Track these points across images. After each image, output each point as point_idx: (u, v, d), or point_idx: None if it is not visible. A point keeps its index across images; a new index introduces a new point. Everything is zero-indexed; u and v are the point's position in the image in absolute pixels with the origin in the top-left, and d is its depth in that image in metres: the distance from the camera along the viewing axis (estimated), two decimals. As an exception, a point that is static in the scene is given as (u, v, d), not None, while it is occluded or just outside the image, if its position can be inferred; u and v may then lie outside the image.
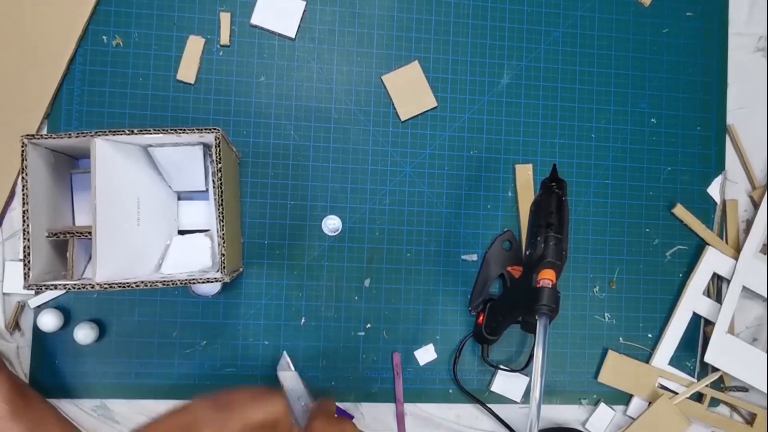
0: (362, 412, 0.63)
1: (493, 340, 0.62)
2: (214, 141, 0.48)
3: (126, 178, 0.50)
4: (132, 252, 0.50)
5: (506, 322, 0.57)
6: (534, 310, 0.46)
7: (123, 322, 0.60)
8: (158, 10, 0.62)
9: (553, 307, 0.46)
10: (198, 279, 0.48)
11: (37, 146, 0.49)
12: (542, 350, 0.45)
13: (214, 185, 0.48)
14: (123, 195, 0.50)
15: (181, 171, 0.53)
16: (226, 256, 0.48)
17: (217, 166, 0.48)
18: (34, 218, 0.48)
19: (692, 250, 0.68)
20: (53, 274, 0.51)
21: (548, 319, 0.46)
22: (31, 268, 0.47)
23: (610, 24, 0.68)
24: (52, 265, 0.51)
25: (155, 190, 0.54)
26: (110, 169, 0.48)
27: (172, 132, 0.48)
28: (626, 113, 0.68)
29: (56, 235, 0.50)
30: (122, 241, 0.49)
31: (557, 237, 0.48)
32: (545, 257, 0.48)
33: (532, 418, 0.44)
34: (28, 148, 0.47)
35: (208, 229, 0.56)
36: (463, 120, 0.65)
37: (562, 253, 0.48)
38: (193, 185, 0.55)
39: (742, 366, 0.65)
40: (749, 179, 0.70)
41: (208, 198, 0.56)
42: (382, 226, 0.64)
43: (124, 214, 0.50)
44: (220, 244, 0.48)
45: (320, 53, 0.64)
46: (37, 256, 0.48)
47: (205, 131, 0.48)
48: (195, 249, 0.54)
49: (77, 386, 0.60)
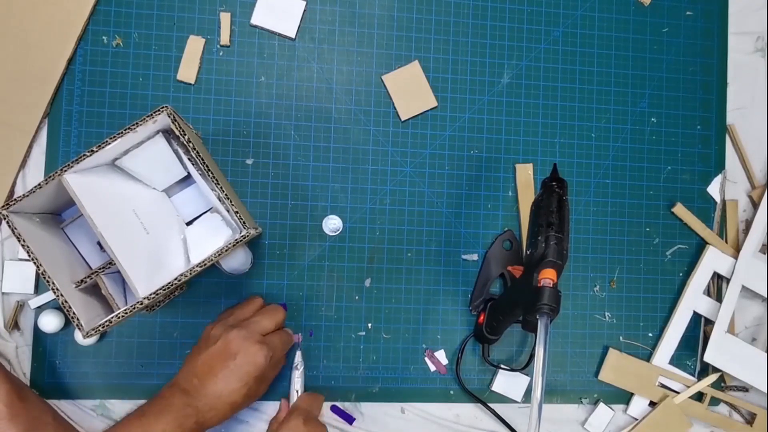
0: (362, 412, 0.63)
1: (494, 340, 0.62)
2: (168, 118, 0.48)
3: (113, 198, 0.50)
4: (155, 259, 0.50)
5: (507, 322, 0.57)
6: (535, 309, 0.46)
7: (123, 322, 0.60)
8: (158, 10, 0.62)
9: (554, 307, 0.46)
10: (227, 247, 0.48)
11: (18, 213, 0.48)
12: (543, 350, 0.45)
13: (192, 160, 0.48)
14: (120, 214, 0.50)
15: (155, 168, 0.53)
16: (240, 212, 0.49)
17: (183, 138, 0.48)
18: (55, 275, 0.47)
19: (692, 249, 0.68)
20: (97, 312, 0.51)
21: (549, 318, 0.46)
22: (80, 318, 0.47)
23: (610, 23, 0.68)
24: (94, 307, 0.51)
25: (144, 196, 0.53)
26: (95, 196, 0.48)
27: (127, 131, 0.47)
28: (626, 112, 0.68)
29: (83, 281, 0.51)
30: (142, 253, 0.49)
31: (558, 236, 0.48)
32: (546, 257, 0.48)
33: (534, 418, 0.45)
34: (10, 217, 0.47)
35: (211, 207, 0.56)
36: (463, 120, 0.65)
37: (563, 253, 0.48)
38: (174, 175, 0.54)
39: (742, 366, 0.65)
40: (749, 179, 0.70)
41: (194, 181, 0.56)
42: (383, 225, 0.64)
43: (130, 229, 0.50)
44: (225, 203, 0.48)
45: (320, 53, 0.64)
46: (78, 306, 0.48)
47: (155, 113, 0.47)
48: (209, 229, 0.54)
49: (77, 386, 0.59)
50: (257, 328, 0.54)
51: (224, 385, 0.51)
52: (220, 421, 0.52)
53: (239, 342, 0.52)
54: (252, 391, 0.53)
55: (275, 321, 0.56)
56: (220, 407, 0.51)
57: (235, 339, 0.52)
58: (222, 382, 0.51)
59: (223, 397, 0.51)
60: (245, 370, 0.51)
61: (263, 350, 0.52)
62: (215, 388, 0.51)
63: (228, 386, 0.51)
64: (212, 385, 0.51)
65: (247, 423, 0.61)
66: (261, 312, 0.56)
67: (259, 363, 0.52)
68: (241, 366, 0.51)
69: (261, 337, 0.53)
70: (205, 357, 0.52)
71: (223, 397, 0.51)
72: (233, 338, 0.52)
